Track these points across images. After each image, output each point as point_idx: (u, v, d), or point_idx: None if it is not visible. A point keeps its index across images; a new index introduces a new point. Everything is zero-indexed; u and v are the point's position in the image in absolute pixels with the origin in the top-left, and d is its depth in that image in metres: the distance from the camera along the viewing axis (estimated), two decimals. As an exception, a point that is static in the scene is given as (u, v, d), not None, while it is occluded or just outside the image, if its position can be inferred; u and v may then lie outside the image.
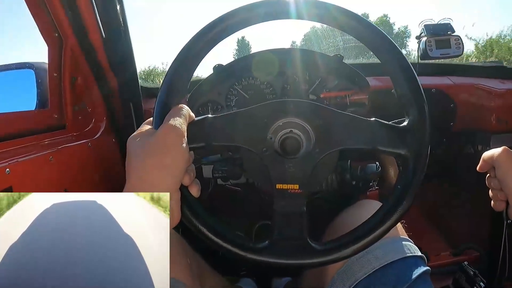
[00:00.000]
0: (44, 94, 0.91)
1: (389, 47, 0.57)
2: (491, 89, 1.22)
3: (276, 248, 0.54)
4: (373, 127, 0.56)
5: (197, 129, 0.55)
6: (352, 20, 0.57)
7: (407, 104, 0.57)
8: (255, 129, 0.56)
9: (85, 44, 0.90)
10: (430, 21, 1.12)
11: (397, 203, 0.55)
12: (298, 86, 1.01)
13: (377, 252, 0.65)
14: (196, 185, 0.55)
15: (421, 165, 0.55)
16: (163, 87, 0.56)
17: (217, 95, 1.02)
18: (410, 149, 0.55)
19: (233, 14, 0.57)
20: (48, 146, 0.82)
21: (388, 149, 0.56)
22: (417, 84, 0.57)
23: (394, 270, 0.64)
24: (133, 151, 0.50)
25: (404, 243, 0.68)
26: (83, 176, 0.88)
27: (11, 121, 0.80)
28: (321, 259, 0.54)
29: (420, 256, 0.67)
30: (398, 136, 0.56)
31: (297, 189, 0.55)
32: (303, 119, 0.57)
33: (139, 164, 0.49)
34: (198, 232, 0.54)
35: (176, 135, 0.50)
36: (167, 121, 0.51)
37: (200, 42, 0.57)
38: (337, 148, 0.56)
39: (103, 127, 1.00)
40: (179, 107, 0.54)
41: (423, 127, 0.55)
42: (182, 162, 0.51)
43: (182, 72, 0.56)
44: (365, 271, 0.64)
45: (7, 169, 0.66)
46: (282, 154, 0.56)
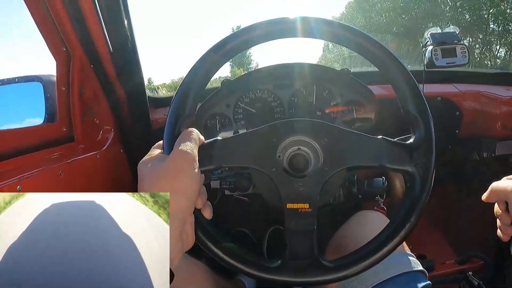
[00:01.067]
0: (53, 107, 0.92)
1: (396, 65, 0.58)
2: (497, 96, 1.22)
3: (288, 267, 0.56)
4: (380, 145, 0.57)
5: (208, 152, 0.56)
6: (357, 37, 0.58)
7: (414, 121, 0.58)
8: (264, 150, 0.57)
9: (93, 58, 0.91)
10: (436, 30, 1.12)
11: (405, 220, 0.56)
12: (306, 99, 1.02)
13: (377, 268, 0.65)
14: (208, 207, 0.55)
15: (428, 182, 0.56)
16: (171, 111, 0.57)
17: (225, 108, 1.02)
18: (417, 166, 0.56)
19: (249, 29, 0.58)
20: (57, 160, 0.83)
21: (395, 167, 0.57)
22: (423, 102, 0.58)
23: (395, 285, 0.65)
24: (145, 176, 0.51)
25: (405, 258, 0.68)
26: (92, 188, 0.89)
27: (21, 136, 0.81)
28: (332, 276, 0.55)
29: (421, 271, 0.68)
30: (404, 154, 0.57)
31: (307, 208, 0.56)
32: (311, 137, 0.57)
33: (151, 189, 0.49)
34: (213, 255, 0.55)
35: (188, 160, 0.50)
36: (178, 146, 0.51)
37: (207, 63, 0.58)
38: (345, 166, 0.57)
39: (111, 138, 1.01)
40: (189, 131, 0.54)
41: (430, 145, 0.56)
42: (195, 186, 0.51)
43: (191, 94, 0.57)
44: (364, 287, 0.65)
45: (18, 186, 0.67)
46: (291, 171, 0.57)
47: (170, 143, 0.54)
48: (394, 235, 0.55)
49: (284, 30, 0.58)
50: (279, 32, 0.59)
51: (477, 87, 1.28)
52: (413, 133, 0.58)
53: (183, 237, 0.51)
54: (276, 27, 0.58)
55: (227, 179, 0.88)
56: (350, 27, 0.58)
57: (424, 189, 0.56)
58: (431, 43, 1.09)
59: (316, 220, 0.56)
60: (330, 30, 0.59)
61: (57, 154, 0.86)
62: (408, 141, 0.58)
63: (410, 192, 0.57)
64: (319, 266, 0.55)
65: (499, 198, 0.66)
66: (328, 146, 0.57)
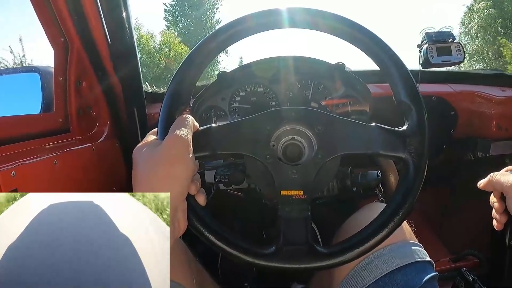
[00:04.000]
0: (49, 98, 0.92)
1: (387, 53, 0.59)
2: (491, 97, 1.24)
3: (282, 254, 0.55)
4: (374, 132, 0.58)
5: (202, 138, 0.56)
6: (349, 28, 0.59)
7: (406, 109, 0.58)
8: (258, 137, 0.57)
9: (91, 49, 0.92)
10: (431, 29, 1.14)
11: (400, 206, 0.56)
12: (301, 93, 1.02)
13: (385, 257, 0.65)
14: (202, 194, 0.55)
15: (422, 168, 0.56)
16: (167, 97, 0.57)
17: (221, 101, 1.03)
18: (410, 152, 0.56)
19: (241, 21, 0.59)
20: (52, 150, 0.83)
21: (388, 153, 0.57)
22: (415, 89, 0.58)
23: (403, 275, 0.64)
24: (140, 162, 0.51)
25: (413, 248, 0.68)
26: (86, 180, 0.89)
27: (17, 124, 0.81)
28: (327, 262, 0.55)
29: (429, 261, 0.68)
30: (398, 140, 0.57)
31: (301, 195, 0.56)
32: (304, 125, 0.58)
33: (146, 175, 0.50)
34: (206, 240, 0.55)
35: (182, 146, 0.51)
36: (173, 131, 0.52)
37: (203, 52, 0.59)
38: (339, 153, 0.57)
39: (106, 131, 1.01)
40: (184, 117, 0.54)
41: (423, 131, 0.57)
42: (188, 172, 0.51)
43: (186, 82, 0.58)
44: (373, 276, 0.65)
45: (12, 171, 0.67)
46: (285, 161, 0.57)
47: (164, 129, 0.54)
48: (389, 221, 0.55)
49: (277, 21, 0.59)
50: (274, 23, 0.60)
51: (472, 87, 1.29)
52: (406, 120, 0.58)
53: (174, 224, 0.51)
54: (271, 18, 0.59)
55: (221, 172, 0.88)
56: (338, 15, 0.59)
57: (418, 175, 0.56)
58: (426, 41, 1.11)
59: (310, 208, 0.56)
60: (314, 20, 0.60)
61: (52, 144, 0.86)
62: (401, 128, 0.58)
63: (404, 179, 0.57)
64: (314, 252, 0.55)
65: (495, 188, 0.69)
66: (322, 134, 0.57)
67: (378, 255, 0.65)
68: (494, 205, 0.70)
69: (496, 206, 0.70)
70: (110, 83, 0.98)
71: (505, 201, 0.67)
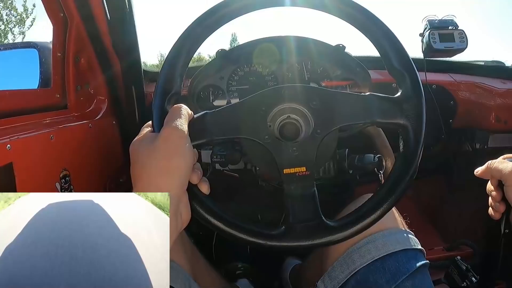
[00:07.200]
0: (47, 73, 0.92)
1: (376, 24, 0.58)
2: (492, 88, 1.23)
3: (294, 232, 0.54)
4: (370, 101, 0.57)
5: (198, 126, 0.55)
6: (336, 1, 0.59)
7: (399, 76, 0.58)
8: (254, 119, 0.57)
9: (90, 26, 0.91)
10: (434, 17, 1.12)
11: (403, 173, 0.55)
12: (300, 74, 1.02)
13: (377, 242, 0.65)
14: (205, 182, 0.54)
15: (422, 132, 0.56)
16: (157, 89, 0.56)
17: (219, 80, 1.02)
18: (408, 117, 0.56)
19: (229, 2, 0.58)
20: (49, 125, 0.83)
21: (386, 120, 0.57)
22: (407, 56, 0.58)
23: (394, 261, 0.64)
24: (138, 157, 0.50)
25: (405, 235, 0.68)
26: (82, 156, 0.89)
27: (14, 98, 0.81)
28: (339, 234, 0.54)
29: (420, 250, 0.68)
30: (395, 107, 0.57)
31: (305, 171, 0.56)
32: (299, 103, 0.57)
33: (145, 170, 0.49)
34: (214, 228, 0.54)
35: (178, 137, 0.50)
36: (167, 123, 0.50)
37: (190, 38, 0.57)
38: (337, 126, 0.57)
39: (104, 109, 1.01)
40: (177, 107, 0.53)
41: (419, 95, 0.56)
42: (188, 162, 0.50)
43: (176, 70, 0.56)
44: (365, 260, 0.65)
45: (8, 145, 0.67)
46: (283, 140, 0.57)
47: (159, 121, 0.53)
48: (395, 189, 0.55)
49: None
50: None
51: (473, 78, 1.28)
52: (400, 87, 0.58)
53: (177, 218, 0.50)
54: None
55: (218, 152, 0.88)
56: None
57: (419, 140, 0.56)
58: (429, 28, 1.09)
59: (315, 183, 0.56)
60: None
61: (49, 119, 0.86)
62: (397, 95, 0.58)
63: (404, 146, 0.57)
64: (325, 226, 0.55)
65: (493, 176, 0.67)
66: (318, 109, 0.57)
67: (370, 239, 0.66)
68: (491, 193, 0.69)
69: (493, 195, 0.68)
70: (109, 61, 0.98)
71: (503, 190, 0.66)
